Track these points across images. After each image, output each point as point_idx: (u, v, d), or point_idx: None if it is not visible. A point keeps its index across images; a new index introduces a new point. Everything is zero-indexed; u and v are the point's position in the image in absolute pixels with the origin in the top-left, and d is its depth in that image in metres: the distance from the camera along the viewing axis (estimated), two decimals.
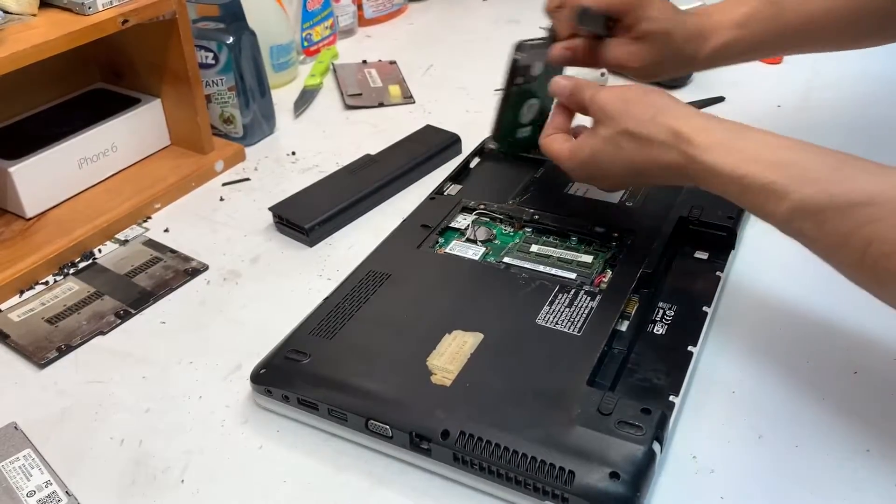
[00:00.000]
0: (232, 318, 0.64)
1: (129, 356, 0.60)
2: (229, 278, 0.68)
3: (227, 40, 0.81)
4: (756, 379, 0.56)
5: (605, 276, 0.61)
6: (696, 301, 0.59)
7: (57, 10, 0.69)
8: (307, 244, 0.71)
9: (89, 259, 0.70)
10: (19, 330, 0.62)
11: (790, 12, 0.66)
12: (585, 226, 0.66)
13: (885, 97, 0.91)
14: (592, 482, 0.45)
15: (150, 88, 0.82)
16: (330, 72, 1.03)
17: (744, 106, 0.90)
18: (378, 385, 0.52)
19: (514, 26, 1.16)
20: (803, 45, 0.72)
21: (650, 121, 0.54)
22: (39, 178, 0.73)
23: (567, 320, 0.56)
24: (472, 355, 0.53)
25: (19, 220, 0.73)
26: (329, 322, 0.57)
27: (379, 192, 0.76)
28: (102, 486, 0.50)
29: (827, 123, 0.86)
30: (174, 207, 0.78)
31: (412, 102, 0.96)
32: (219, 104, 0.85)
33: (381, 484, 0.50)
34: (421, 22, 1.19)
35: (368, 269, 0.62)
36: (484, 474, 0.47)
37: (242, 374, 0.57)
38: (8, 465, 0.51)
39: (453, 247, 0.66)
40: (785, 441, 0.51)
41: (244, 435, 0.54)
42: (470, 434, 0.48)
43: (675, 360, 0.54)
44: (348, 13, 1.12)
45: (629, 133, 0.55)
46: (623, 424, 0.47)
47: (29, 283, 0.67)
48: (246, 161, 0.85)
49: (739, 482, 0.49)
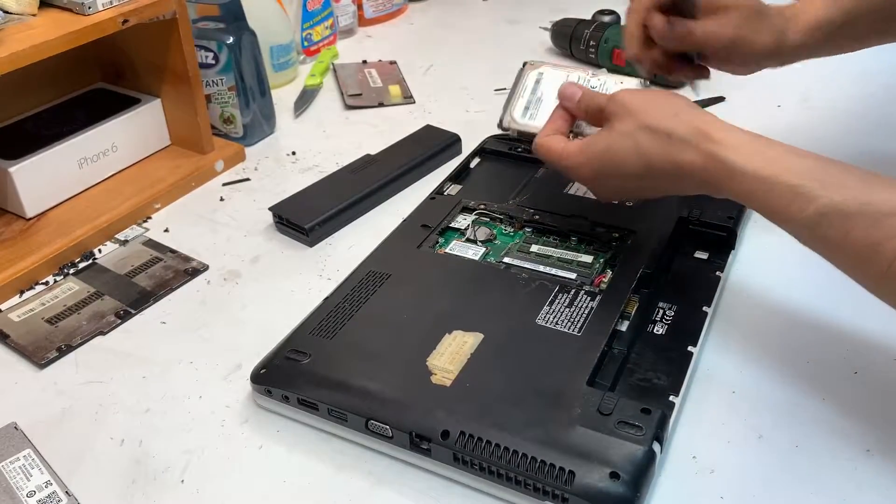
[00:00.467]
0: (232, 318, 0.64)
1: (129, 356, 0.60)
2: (229, 278, 0.68)
3: (227, 40, 0.81)
4: (756, 379, 0.56)
5: (605, 276, 0.61)
6: (696, 301, 0.59)
7: (57, 10, 0.69)
8: (307, 244, 0.71)
9: (89, 259, 0.70)
10: (19, 330, 0.62)
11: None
12: (585, 226, 0.66)
13: (886, 97, 0.91)
14: (592, 482, 0.45)
15: (150, 88, 0.82)
16: (330, 72, 1.03)
17: (744, 106, 0.90)
18: (378, 385, 0.52)
19: (514, 26, 1.16)
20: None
21: (673, 116, 0.53)
22: (39, 178, 0.73)
23: (567, 320, 0.56)
24: (473, 355, 0.53)
25: (19, 220, 0.73)
26: (329, 322, 0.57)
27: (379, 192, 0.76)
28: (102, 486, 0.50)
29: (827, 123, 0.86)
30: (174, 207, 0.78)
31: (412, 102, 0.96)
32: (219, 104, 0.85)
33: (381, 484, 0.50)
34: (421, 22, 1.19)
35: (368, 269, 0.62)
36: (484, 474, 0.47)
37: (242, 374, 0.57)
38: (8, 465, 0.51)
39: (453, 247, 0.66)
40: (785, 441, 0.51)
41: (244, 435, 0.54)
42: (470, 434, 0.48)
43: (675, 360, 0.54)
44: (348, 13, 1.12)
45: (649, 127, 0.54)
46: (623, 424, 0.47)
47: (29, 283, 0.67)
48: (246, 161, 0.85)
49: (739, 482, 0.49)
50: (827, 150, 0.86)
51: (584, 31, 1.01)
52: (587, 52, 1.01)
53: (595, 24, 1.02)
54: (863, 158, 0.79)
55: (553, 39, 1.05)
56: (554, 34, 1.05)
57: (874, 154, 0.81)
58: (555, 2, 1.19)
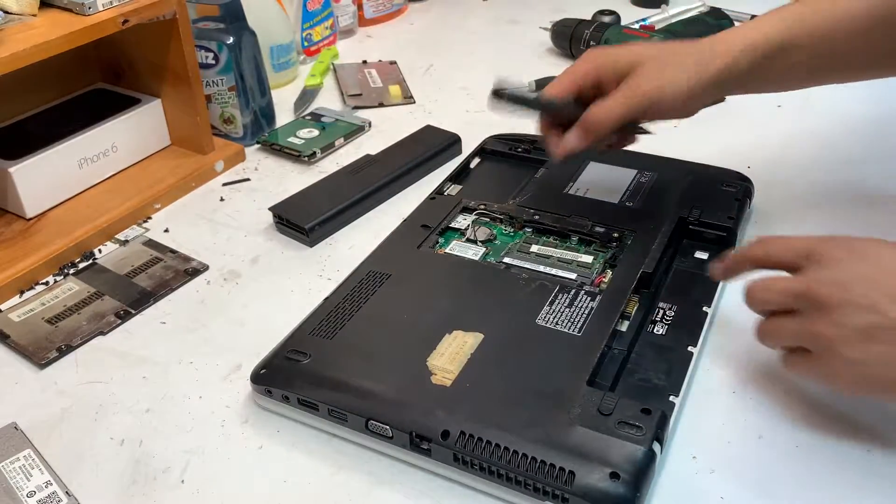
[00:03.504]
0: (232, 318, 0.64)
1: (129, 356, 0.60)
2: (229, 278, 0.68)
3: (227, 40, 0.81)
4: (756, 379, 0.55)
5: (605, 276, 0.61)
6: (696, 301, 0.59)
7: (57, 10, 0.69)
8: (307, 244, 0.71)
9: (89, 259, 0.70)
10: (19, 330, 0.62)
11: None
12: (585, 226, 0.66)
13: (885, 97, 0.91)
14: (592, 482, 0.45)
15: (150, 88, 0.82)
16: (330, 72, 1.03)
17: (744, 106, 0.89)
18: (378, 385, 0.52)
19: (514, 26, 1.16)
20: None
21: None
22: (39, 178, 0.73)
23: (567, 320, 0.56)
24: (473, 355, 0.53)
25: (19, 220, 0.73)
26: (329, 322, 0.57)
27: (379, 192, 0.76)
28: (102, 486, 0.50)
29: (827, 123, 0.86)
30: (174, 207, 0.78)
31: (412, 102, 0.96)
32: (219, 104, 0.85)
33: (380, 484, 0.50)
34: (421, 22, 1.19)
35: (368, 269, 0.62)
36: (484, 474, 0.47)
37: (242, 374, 0.57)
38: (8, 465, 0.51)
39: (453, 247, 0.66)
40: (785, 441, 0.51)
41: (244, 435, 0.54)
42: (470, 434, 0.48)
43: (675, 360, 0.54)
44: (348, 13, 1.12)
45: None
46: (623, 424, 0.47)
47: (29, 284, 0.67)
48: (246, 161, 0.85)
49: (739, 482, 0.49)
50: (827, 150, 0.86)
51: (584, 32, 1.01)
52: None
53: (595, 24, 1.02)
54: (863, 158, 0.80)
55: (553, 39, 1.06)
56: (554, 34, 1.05)
57: (874, 154, 0.81)
58: (555, 2, 1.19)
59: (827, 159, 0.80)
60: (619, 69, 0.61)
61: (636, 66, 0.60)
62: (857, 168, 0.77)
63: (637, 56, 0.61)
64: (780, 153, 0.81)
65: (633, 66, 0.60)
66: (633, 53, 0.61)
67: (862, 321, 0.45)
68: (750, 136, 0.84)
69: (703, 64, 0.60)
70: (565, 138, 0.62)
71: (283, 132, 0.87)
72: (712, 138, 0.83)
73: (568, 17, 1.05)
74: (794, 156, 0.81)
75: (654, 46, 0.63)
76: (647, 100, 0.60)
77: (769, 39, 0.60)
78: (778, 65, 0.61)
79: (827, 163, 0.79)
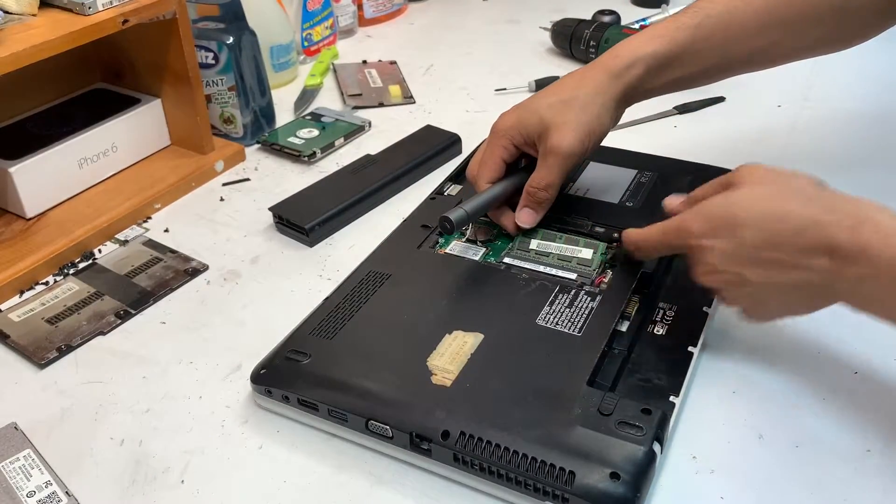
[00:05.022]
0: (232, 318, 0.64)
1: (129, 356, 0.60)
2: (229, 278, 0.68)
3: (227, 40, 0.81)
4: (756, 379, 0.56)
5: (605, 276, 0.61)
6: (696, 301, 0.59)
7: (57, 10, 0.69)
8: (307, 244, 0.71)
9: (89, 259, 0.70)
10: (19, 330, 0.62)
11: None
12: (585, 226, 0.66)
13: (885, 97, 0.91)
14: (593, 482, 0.45)
15: (150, 88, 0.82)
16: (330, 72, 1.03)
17: (744, 106, 0.90)
18: (378, 385, 0.52)
19: (514, 26, 1.16)
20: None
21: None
22: (39, 178, 0.73)
23: (567, 320, 0.56)
24: (473, 355, 0.53)
25: (19, 220, 0.73)
26: (329, 322, 0.57)
27: (379, 192, 0.76)
28: (102, 486, 0.50)
29: (827, 123, 0.86)
30: (174, 207, 0.78)
31: (412, 102, 0.96)
32: (219, 104, 0.85)
33: (381, 484, 0.50)
34: (421, 22, 1.19)
35: (369, 269, 0.62)
36: (484, 475, 0.47)
37: (242, 374, 0.57)
38: (8, 465, 0.51)
39: (453, 247, 0.66)
40: (785, 441, 0.51)
41: (244, 435, 0.54)
42: (470, 434, 0.48)
43: (675, 360, 0.54)
44: (348, 13, 1.12)
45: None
46: (623, 425, 0.47)
47: (29, 283, 0.67)
48: (246, 161, 0.85)
49: (739, 482, 0.49)
50: (827, 150, 0.86)
51: (584, 32, 1.01)
52: (587, 52, 1.01)
53: (595, 24, 1.02)
54: (863, 158, 0.80)
55: (553, 39, 1.06)
56: (554, 34, 1.05)
57: (874, 154, 0.81)
58: (555, 2, 1.19)
59: (827, 159, 0.80)
60: (529, 134, 0.63)
61: (544, 126, 0.61)
62: (857, 168, 0.77)
63: (539, 116, 0.62)
64: (780, 153, 0.81)
65: (541, 127, 0.62)
66: (534, 114, 0.62)
67: (728, 246, 0.49)
68: (750, 136, 0.84)
69: (603, 92, 0.62)
70: (519, 216, 0.64)
71: (283, 132, 0.87)
72: (712, 138, 0.83)
73: (568, 16, 1.05)
74: (794, 156, 0.81)
75: (551, 94, 0.63)
76: (572, 154, 0.61)
77: (657, 54, 0.62)
78: (674, 73, 0.63)
79: (827, 163, 0.79)
